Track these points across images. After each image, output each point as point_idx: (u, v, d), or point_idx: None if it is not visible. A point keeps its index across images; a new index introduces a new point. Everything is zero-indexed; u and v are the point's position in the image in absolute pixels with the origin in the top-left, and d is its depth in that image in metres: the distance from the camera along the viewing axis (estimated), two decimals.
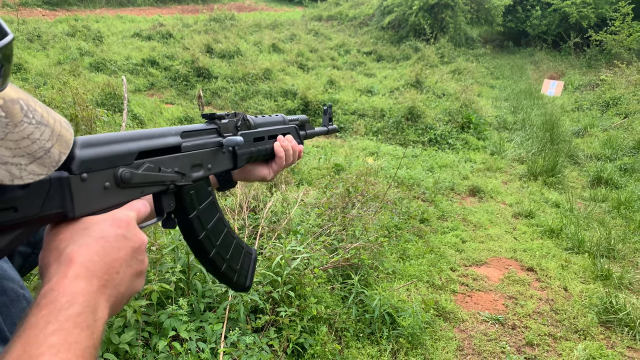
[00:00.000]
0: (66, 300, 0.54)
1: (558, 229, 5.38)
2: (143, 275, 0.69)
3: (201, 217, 0.94)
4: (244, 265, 1.09)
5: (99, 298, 0.59)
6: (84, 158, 0.65)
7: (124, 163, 0.71)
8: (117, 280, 0.62)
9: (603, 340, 3.61)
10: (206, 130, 0.96)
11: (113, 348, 2.36)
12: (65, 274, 0.57)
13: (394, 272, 4.27)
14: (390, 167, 7.02)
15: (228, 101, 11.05)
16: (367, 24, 20.67)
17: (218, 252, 1.00)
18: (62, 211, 0.62)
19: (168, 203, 0.86)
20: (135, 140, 0.75)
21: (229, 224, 1.04)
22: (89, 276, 0.58)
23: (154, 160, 0.78)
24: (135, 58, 12.61)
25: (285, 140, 1.21)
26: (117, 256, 0.63)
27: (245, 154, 1.07)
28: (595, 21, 16.18)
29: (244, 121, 1.09)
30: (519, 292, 4.24)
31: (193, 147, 0.89)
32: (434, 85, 12.08)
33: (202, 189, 0.94)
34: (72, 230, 0.63)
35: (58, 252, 0.60)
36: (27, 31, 13.45)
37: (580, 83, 13.58)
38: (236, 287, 1.08)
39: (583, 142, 9.10)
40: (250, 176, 1.20)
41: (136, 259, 0.67)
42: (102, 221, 0.65)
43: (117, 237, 0.64)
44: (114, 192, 0.70)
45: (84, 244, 0.61)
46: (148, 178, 0.76)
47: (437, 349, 3.38)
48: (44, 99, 6.59)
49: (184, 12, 22.31)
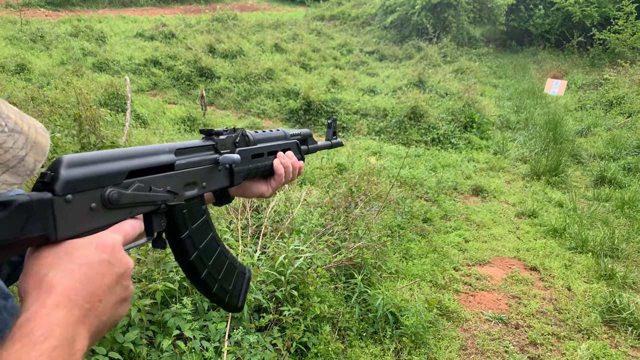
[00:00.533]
0: (42, 333, 0.52)
1: (561, 228, 5.37)
2: (128, 301, 0.66)
3: (193, 237, 0.91)
4: (237, 285, 1.05)
5: (79, 328, 0.56)
6: (69, 178, 0.62)
7: (112, 183, 0.68)
8: (99, 309, 0.59)
9: (607, 339, 3.60)
10: (203, 147, 0.93)
11: (117, 347, 2.37)
12: (44, 302, 0.54)
13: (397, 272, 4.27)
14: (393, 167, 7.02)
15: (230, 101, 11.07)
16: (370, 23, 20.65)
17: (210, 273, 0.96)
18: (44, 234, 0.59)
19: (159, 223, 0.82)
20: (126, 159, 0.72)
21: (223, 243, 1.01)
22: (69, 305, 0.55)
23: (144, 180, 0.75)
24: (138, 58, 12.65)
25: (285, 157, 1.17)
26: (100, 283, 0.60)
27: (243, 171, 1.04)
28: (599, 20, 16.13)
29: (243, 137, 1.06)
30: (522, 291, 4.24)
31: (187, 164, 0.86)
32: (436, 85, 12.07)
33: (196, 207, 0.91)
34: (54, 254, 0.59)
35: (38, 278, 0.57)
36: (31, 32, 13.51)
37: (584, 82, 13.55)
38: (228, 307, 1.04)
39: (586, 141, 9.08)
40: (247, 192, 1.16)
41: (121, 285, 0.64)
42: (87, 245, 0.61)
43: (101, 263, 0.61)
44: (101, 213, 0.67)
45: (66, 270, 0.58)
46: (137, 198, 0.73)
47: (441, 348, 3.38)
48: (48, 100, 6.61)
49: (187, 12, 22.34)
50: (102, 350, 2.26)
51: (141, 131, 7.44)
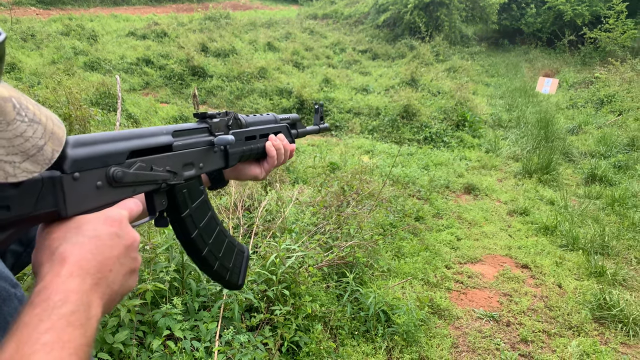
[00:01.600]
0: (59, 298, 0.55)
1: (552, 226, 5.40)
2: (136, 273, 0.70)
3: (193, 216, 0.94)
4: (237, 263, 1.09)
5: (92, 296, 0.59)
6: (76, 157, 0.65)
7: (115, 162, 0.72)
8: (110, 278, 0.63)
9: (597, 336, 3.62)
10: (197, 129, 0.96)
11: (107, 347, 2.35)
12: (58, 272, 0.57)
13: (388, 270, 4.27)
14: (386, 165, 7.03)
15: (223, 100, 11.03)
16: (363, 22, 20.67)
17: (210, 251, 1.00)
18: (55, 210, 0.63)
19: (160, 202, 0.86)
20: (127, 140, 0.75)
21: (221, 223, 1.05)
22: (82, 274, 0.58)
23: (145, 160, 0.79)
24: (129, 57, 12.58)
25: (277, 139, 1.21)
26: (110, 254, 0.63)
27: (237, 152, 1.08)
28: (590, 19, 16.22)
29: (236, 120, 1.09)
30: (514, 289, 4.26)
31: (184, 146, 0.90)
32: (429, 84, 12.09)
33: (195, 187, 0.95)
34: (64, 229, 0.63)
35: (51, 250, 0.60)
36: (21, 30, 13.40)
37: (575, 81, 13.63)
38: (229, 285, 1.08)
39: (577, 139, 9.14)
40: (242, 175, 1.20)
41: (129, 256, 0.67)
42: (95, 220, 0.65)
43: (110, 236, 0.64)
44: (106, 191, 0.70)
45: (77, 242, 0.61)
46: (140, 177, 0.76)
47: (432, 346, 3.39)
48: (38, 99, 6.56)
49: (179, 10, 22.25)
50: (92, 351, 2.24)
51: None
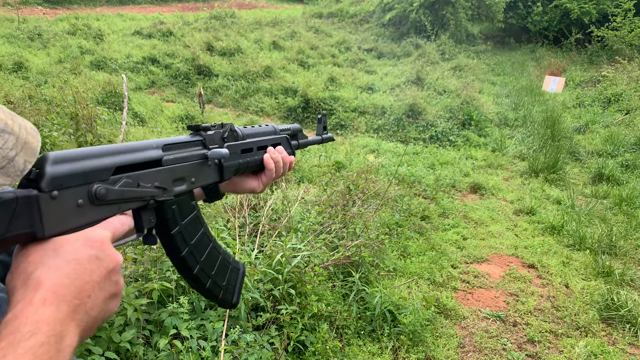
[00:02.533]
0: (28, 329, 0.51)
1: (559, 225, 5.37)
2: (118, 297, 0.66)
3: (184, 233, 0.91)
4: (231, 281, 1.05)
5: (68, 325, 0.55)
6: (55, 175, 0.62)
7: (99, 179, 0.68)
8: (88, 305, 0.59)
9: (604, 337, 3.60)
10: (190, 142, 0.93)
11: (114, 346, 2.36)
12: (31, 299, 0.54)
13: (394, 270, 4.27)
14: (391, 165, 7.02)
15: (229, 99, 11.05)
16: (368, 21, 20.63)
17: (202, 269, 0.96)
18: (31, 231, 0.59)
19: (148, 219, 0.82)
20: (113, 155, 0.72)
21: (215, 239, 1.01)
22: (57, 301, 0.55)
23: (132, 175, 0.75)
24: (135, 56, 12.61)
25: (275, 152, 1.17)
26: (89, 279, 0.59)
27: (232, 166, 1.04)
28: (597, 17, 16.10)
29: (232, 132, 1.06)
30: (520, 289, 4.24)
31: (175, 160, 0.86)
32: (434, 82, 12.05)
33: (185, 203, 0.90)
34: (41, 251, 0.59)
35: (26, 275, 0.57)
36: (28, 30, 13.46)
37: (582, 79, 13.55)
38: (222, 303, 1.04)
39: (584, 138, 9.09)
40: (238, 188, 1.16)
41: (110, 280, 0.63)
42: (74, 241, 0.61)
43: (90, 259, 0.60)
44: (88, 209, 0.67)
45: (54, 266, 0.57)
46: (125, 194, 0.73)
47: (438, 346, 3.38)
48: (45, 98, 6.59)
49: (185, 10, 22.28)
50: (99, 350, 2.25)
51: (139, 129, 7.43)
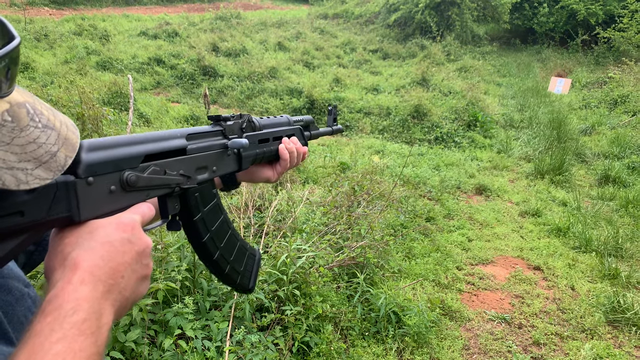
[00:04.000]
0: (71, 307, 0.54)
1: (565, 227, 5.34)
2: (148, 279, 0.69)
3: (206, 220, 0.94)
4: (248, 266, 1.08)
5: (104, 303, 0.58)
6: (90, 162, 0.65)
7: (129, 166, 0.71)
8: (122, 285, 0.62)
9: (610, 339, 3.58)
10: (211, 132, 0.96)
11: (119, 346, 2.37)
12: (70, 279, 0.57)
13: (399, 271, 4.26)
14: (396, 166, 7.01)
15: (234, 100, 11.07)
16: (373, 21, 20.62)
17: (222, 254, 0.99)
18: (68, 215, 0.62)
19: (173, 206, 0.86)
20: (142, 143, 0.75)
21: (233, 226, 1.04)
22: (93, 281, 0.58)
23: (159, 163, 0.78)
24: (141, 57, 12.66)
25: (290, 142, 1.20)
26: (122, 260, 0.63)
27: (250, 155, 1.07)
28: (604, 18, 16.03)
29: (249, 123, 1.09)
30: (526, 291, 4.22)
31: (198, 149, 0.89)
32: (440, 83, 12.03)
33: (207, 191, 0.94)
34: (77, 234, 0.62)
35: (63, 256, 0.60)
36: (35, 30, 13.53)
37: (588, 81, 13.48)
38: (240, 288, 1.07)
39: (590, 140, 9.04)
40: (254, 177, 1.20)
41: (141, 263, 0.66)
42: (108, 225, 0.64)
43: (122, 241, 0.64)
44: (120, 195, 0.70)
45: (89, 248, 0.60)
46: (153, 181, 0.76)
47: (443, 348, 3.37)
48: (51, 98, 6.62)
49: (190, 10, 22.34)
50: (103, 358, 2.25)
51: (144, 130, 7.45)
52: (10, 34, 0.56)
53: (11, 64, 0.55)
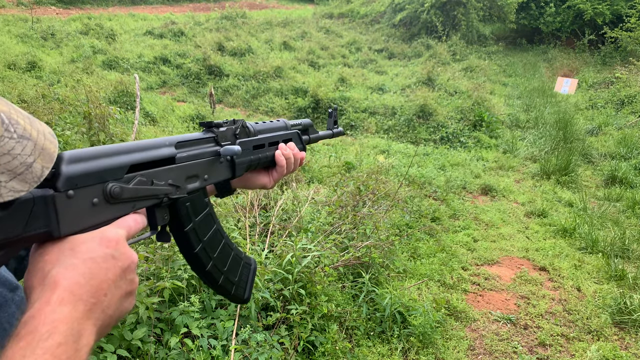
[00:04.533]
0: (46, 329, 0.51)
1: (571, 228, 5.32)
2: (133, 295, 0.66)
3: (197, 230, 0.91)
4: (243, 276, 1.05)
5: (85, 323, 0.56)
6: (70, 174, 0.62)
7: (113, 178, 0.68)
8: (105, 303, 0.59)
9: (617, 341, 3.57)
10: (203, 139, 0.93)
11: (125, 344, 2.38)
12: (48, 299, 0.54)
13: (404, 271, 4.25)
14: (402, 166, 7.00)
15: (239, 99, 11.09)
16: (379, 21, 20.59)
17: (215, 265, 0.97)
18: (47, 231, 0.59)
19: (162, 216, 0.83)
20: (126, 153, 0.72)
21: (227, 235, 1.02)
22: (74, 300, 0.55)
23: (146, 174, 0.75)
24: (147, 56, 12.70)
25: (286, 148, 1.17)
26: (105, 277, 0.60)
27: (244, 162, 1.04)
28: (611, 18, 15.93)
29: (243, 128, 1.06)
30: (531, 291, 4.21)
31: (188, 157, 0.86)
32: (445, 83, 12.00)
33: (199, 200, 0.91)
34: (57, 250, 0.60)
35: (43, 274, 0.57)
36: (41, 29, 13.60)
37: (595, 81, 13.41)
38: (234, 299, 1.05)
39: (597, 140, 8.99)
40: (249, 184, 1.17)
41: (125, 279, 0.64)
42: (90, 240, 0.62)
43: (105, 257, 0.61)
44: (103, 208, 0.67)
45: (70, 265, 0.58)
46: (139, 192, 0.73)
47: (448, 348, 3.37)
48: (58, 97, 6.66)
49: (196, 10, 22.39)
50: (111, 347, 2.27)
51: (150, 129, 7.48)
52: None
53: None
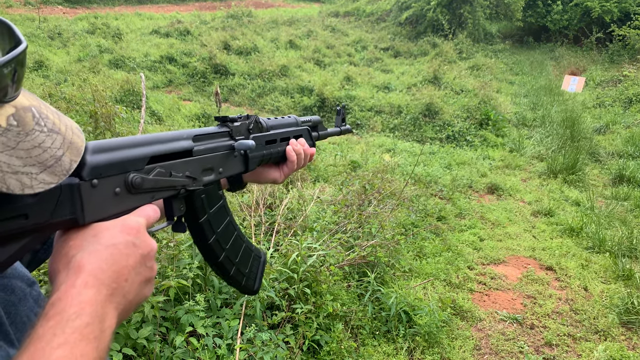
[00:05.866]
0: (74, 311, 0.54)
1: (578, 227, 5.29)
2: (152, 282, 0.69)
3: (211, 221, 0.94)
4: (253, 268, 1.08)
5: (107, 307, 0.58)
6: (95, 164, 0.64)
7: (135, 168, 0.71)
8: (125, 288, 0.62)
9: (624, 341, 3.54)
10: (218, 133, 0.96)
11: (131, 343, 2.38)
12: (73, 282, 0.56)
13: (410, 270, 4.24)
14: (408, 164, 6.98)
15: (245, 98, 11.09)
16: (385, 19, 20.54)
17: (227, 256, 0.99)
18: (73, 217, 0.62)
19: (178, 207, 0.85)
20: (147, 145, 0.75)
21: (239, 227, 1.04)
22: (97, 284, 0.58)
23: (165, 165, 0.78)
24: (153, 55, 12.73)
25: (297, 144, 1.20)
26: (126, 263, 0.62)
27: (257, 157, 1.07)
28: (619, 15, 15.80)
29: (257, 124, 1.08)
30: (538, 291, 4.18)
31: (205, 150, 0.89)
32: (452, 82, 11.96)
33: (213, 192, 0.93)
34: (81, 236, 0.62)
35: (67, 259, 0.60)
36: (48, 29, 13.68)
37: (602, 79, 13.30)
38: (245, 290, 1.07)
39: (605, 139, 8.93)
40: (261, 178, 1.20)
41: (145, 265, 0.66)
42: (112, 228, 0.64)
43: (127, 244, 0.64)
44: (125, 197, 0.70)
45: (94, 251, 0.60)
46: (159, 183, 0.75)
47: (454, 348, 3.36)
48: (65, 96, 6.69)
49: (202, 9, 22.43)
50: (116, 346, 2.28)
51: (156, 128, 7.50)
52: (17, 38, 0.56)
53: (18, 67, 0.54)
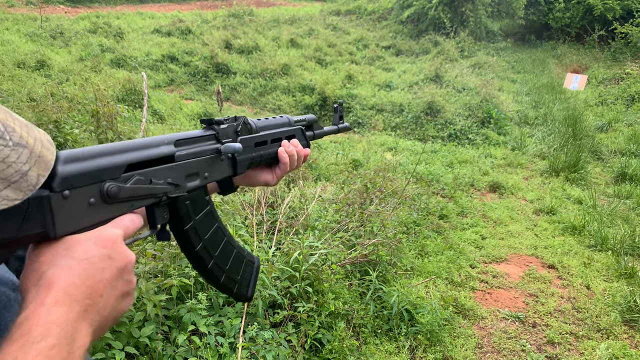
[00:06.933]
0: (39, 332, 0.51)
1: (580, 225, 5.28)
2: (130, 295, 0.66)
3: (197, 228, 0.90)
4: (245, 275, 1.05)
5: (80, 324, 0.55)
6: (66, 174, 0.61)
7: (110, 177, 0.67)
8: (100, 304, 0.59)
9: (627, 339, 3.54)
10: (203, 137, 0.92)
11: (133, 342, 2.39)
12: (43, 300, 0.53)
13: (412, 269, 4.24)
14: (409, 163, 6.98)
15: (246, 97, 11.10)
16: (386, 18, 20.51)
17: (216, 263, 0.96)
18: (43, 231, 0.59)
19: (161, 215, 0.82)
20: (124, 152, 0.71)
21: (230, 233, 1.01)
22: (69, 301, 0.55)
23: (144, 172, 0.74)
24: (155, 54, 12.74)
25: (289, 145, 1.16)
26: (101, 278, 0.59)
27: (246, 159, 1.04)
28: (621, 13, 15.75)
29: (245, 125, 1.05)
30: (540, 289, 4.18)
31: (188, 155, 0.85)
32: (453, 80, 11.94)
33: (199, 198, 0.90)
34: (53, 251, 0.59)
35: (38, 275, 0.57)
36: (50, 28, 13.69)
37: (605, 77, 13.27)
38: (237, 297, 1.04)
39: (607, 137, 8.91)
40: (252, 181, 1.16)
41: (122, 279, 0.63)
42: (86, 240, 0.61)
43: (102, 257, 0.60)
44: (100, 208, 0.66)
45: (65, 266, 0.57)
46: (137, 191, 0.72)
47: (456, 346, 3.36)
48: (67, 95, 6.70)
49: (203, 8, 22.42)
50: (119, 344, 2.28)
51: (158, 127, 7.51)
52: None
53: None
